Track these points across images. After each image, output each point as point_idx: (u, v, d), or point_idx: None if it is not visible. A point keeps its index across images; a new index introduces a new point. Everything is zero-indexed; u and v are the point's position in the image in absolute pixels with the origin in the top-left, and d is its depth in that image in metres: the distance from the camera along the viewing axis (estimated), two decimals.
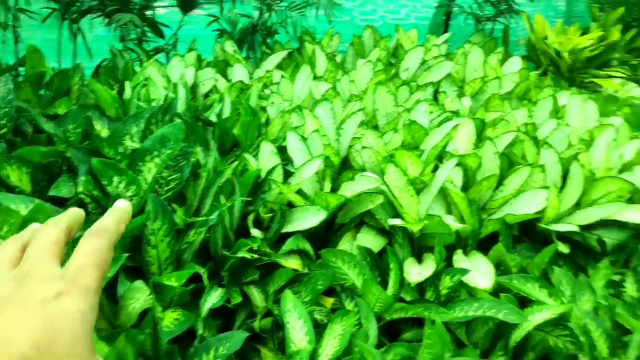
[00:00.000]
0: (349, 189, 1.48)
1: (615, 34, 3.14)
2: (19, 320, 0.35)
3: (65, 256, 0.40)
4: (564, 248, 1.59)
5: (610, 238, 1.73)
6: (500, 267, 1.53)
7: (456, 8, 3.19)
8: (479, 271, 1.38)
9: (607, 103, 2.71)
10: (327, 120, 1.71)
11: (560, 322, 1.28)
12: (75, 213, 0.43)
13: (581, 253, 1.74)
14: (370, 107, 2.03)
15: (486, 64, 2.43)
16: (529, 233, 1.71)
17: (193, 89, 2.04)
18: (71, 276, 0.37)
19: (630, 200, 1.83)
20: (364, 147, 1.61)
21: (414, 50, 2.44)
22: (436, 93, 2.29)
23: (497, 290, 1.43)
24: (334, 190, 1.56)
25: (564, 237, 1.70)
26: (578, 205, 1.74)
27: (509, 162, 1.74)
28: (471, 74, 2.46)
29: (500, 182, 1.68)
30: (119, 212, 0.43)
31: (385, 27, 3.91)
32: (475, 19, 3.08)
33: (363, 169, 1.65)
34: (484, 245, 1.60)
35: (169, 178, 1.39)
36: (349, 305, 1.35)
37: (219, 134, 1.62)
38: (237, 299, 1.27)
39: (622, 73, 3.17)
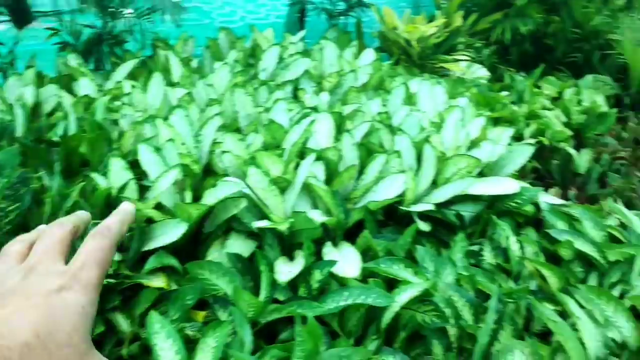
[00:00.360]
0: (211, 196, 1.44)
1: (457, 20, 3.38)
2: (23, 309, 0.37)
3: (70, 254, 0.41)
4: (424, 226, 1.67)
5: (467, 211, 1.85)
6: (369, 253, 1.58)
7: (310, 5, 3.25)
8: (347, 260, 1.41)
9: (456, 85, 2.91)
10: (182, 127, 1.65)
11: (425, 298, 1.35)
12: (81, 215, 0.44)
13: (443, 229, 1.85)
14: (230, 110, 2.00)
15: (341, 59, 2.50)
16: (393, 216, 1.78)
17: (35, 109, 1.88)
18: (74, 272, 0.39)
19: (481, 174, 1.97)
20: (223, 152, 1.58)
21: (270, 49, 2.45)
22: (296, 90, 2.32)
23: (368, 276, 1.47)
24: (198, 199, 1.52)
25: (426, 216, 1.79)
26: (435, 185, 1.85)
27: (367, 152, 1.80)
28: (328, 69, 2.51)
29: (361, 172, 1.73)
30: (123, 214, 0.44)
31: (246, 28, 3.89)
32: (328, 15, 3.16)
33: (226, 174, 1.62)
34: (354, 233, 1.64)
35: (8, 209, 1.26)
36: (222, 315, 1.32)
37: (64, 154, 1.51)
38: (100, 329, 1.19)
39: (467, 56, 3.42)
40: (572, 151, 2.60)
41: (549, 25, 3.70)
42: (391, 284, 1.45)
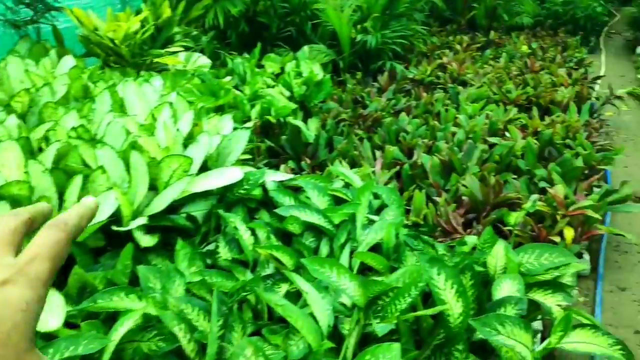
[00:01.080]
0: None
1: (166, 10, 3.23)
2: None
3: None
4: (147, 241, 1.53)
5: (198, 210, 1.76)
6: (87, 290, 1.39)
7: None
8: (50, 311, 1.21)
9: (175, 79, 2.78)
10: None
11: (149, 323, 1.22)
12: (41, 207, 0.42)
13: (177, 235, 1.73)
14: None
15: (29, 73, 2.18)
16: (116, 240, 1.60)
17: None
18: (22, 265, 0.36)
19: (206, 168, 1.89)
20: None
21: None
22: None
23: (86, 318, 1.29)
24: None
25: (153, 227, 1.65)
26: (157, 191, 1.71)
27: (67, 175, 1.58)
28: (18, 87, 2.18)
29: (62, 200, 1.51)
30: (83, 209, 0.43)
31: None
32: (13, 26, 2.75)
33: None
34: (66, 271, 1.42)
35: None
36: None
37: None
38: None
39: (185, 46, 3.31)
40: (299, 123, 2.69)
41: (258, 4, 3.78)
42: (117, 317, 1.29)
